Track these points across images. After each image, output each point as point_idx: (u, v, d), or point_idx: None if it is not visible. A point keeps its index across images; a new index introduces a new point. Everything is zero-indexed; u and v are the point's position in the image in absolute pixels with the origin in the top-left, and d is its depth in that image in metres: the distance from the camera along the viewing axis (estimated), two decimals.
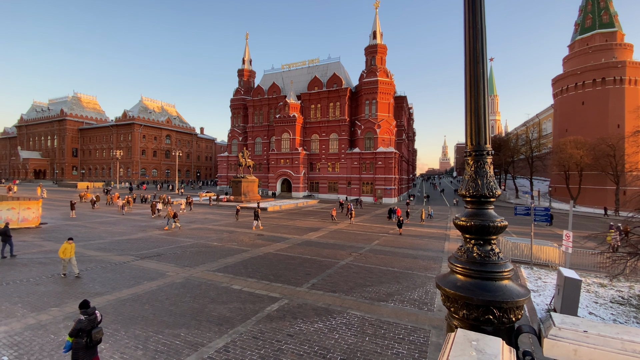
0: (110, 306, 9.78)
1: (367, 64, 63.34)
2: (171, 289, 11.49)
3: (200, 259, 15.82)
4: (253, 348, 7.63)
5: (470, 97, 2.65)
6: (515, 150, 67.87)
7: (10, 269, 13.36)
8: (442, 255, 18.66)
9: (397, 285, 12.69)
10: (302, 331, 8.56)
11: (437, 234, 26.60)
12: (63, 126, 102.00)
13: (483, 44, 2.69)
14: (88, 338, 6.11)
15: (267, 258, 16.53)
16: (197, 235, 22.09)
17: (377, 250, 19.20)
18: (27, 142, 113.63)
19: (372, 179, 60.37)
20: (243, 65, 79.83)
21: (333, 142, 65.30)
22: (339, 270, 14.67)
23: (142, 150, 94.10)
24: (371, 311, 10.03)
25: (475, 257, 2.44)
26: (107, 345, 7.53)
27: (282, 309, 9.97)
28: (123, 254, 16.34)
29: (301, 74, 73.45)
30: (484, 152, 2.66)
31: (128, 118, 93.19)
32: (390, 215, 36.46)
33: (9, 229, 15.62)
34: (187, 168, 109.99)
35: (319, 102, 66.30)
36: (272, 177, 67.88)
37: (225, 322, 8.94)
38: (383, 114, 60.62)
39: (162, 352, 7.34)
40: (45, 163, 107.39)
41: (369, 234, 25.14)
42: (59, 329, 8.30)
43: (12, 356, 6.97)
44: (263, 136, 74.03)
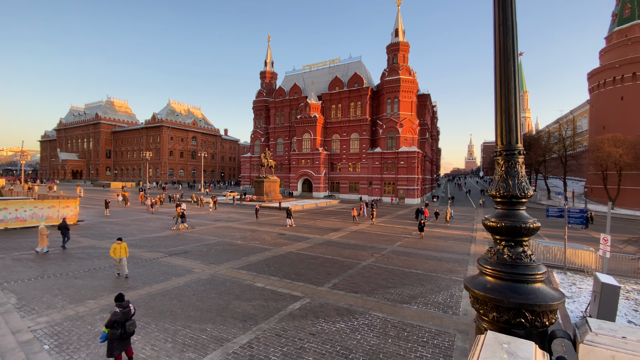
0: (142, 300, 10.27)
1: (388, 63, 62.50)
2: (198, 285, 11.89)
3: (224, 257, 16.26)
4: (276, 345, 7.76)
5: (500, 95, 2.58)
6: (547, 148, 64.48)
7: (51, 263, 14.33)
8: (468, 258, 18.09)
9: (420, 288, 12.45)
10: (324, 330, 8.60)
11: (462, 236, 25.81)
12: (98, 129, 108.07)
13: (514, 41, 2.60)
14: (122, 329, 6.46)
15: (289, 257, 16.71)
16: (221, 234, 22.71)
17: (399, 252, 18.92)
18: (65, 144, 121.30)
19: (394, 179, 59.51)
20: (265, 67, 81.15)
21: (354, 142, 64.97)
22: (361, 271, 14.59)
23: (169, 152, 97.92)
24: (394, 313, 9.91)
25: (505, 259, 2.37)
26: (139, 337, 7.91)
27: (304, 308, 10.06)
28: (153, 251, 17.10)
29: (322, 75, 73.63)
30: (515, 151, 2.58)
31: (157, 121, 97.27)
32: (418, 216, 35.85)
33: (67, 224, 17.58)
34: (212, 168, 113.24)
35: (340, 102, 66.20)
36: (293, 177, 68.52)
37: (249, 319, 9.14)
38: (405, 112, 59.60)
39: (189, 346, 7.62)
40: (81, 164, 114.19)
41: (391, 235, 24.80)
42: (95, 320, 8.81)
43: (53, 345, 7.48)
44: (284, 137, 74.86)
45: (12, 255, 15.27)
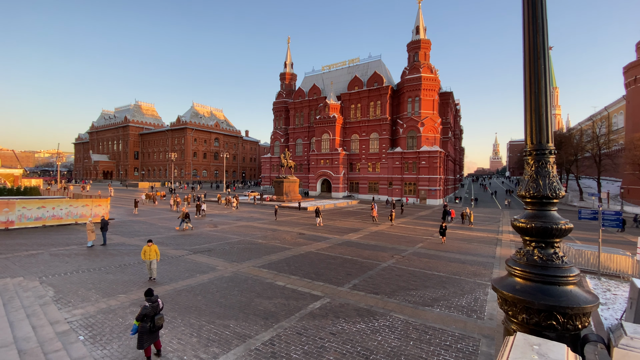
0: (168, 296, 10.68)
1: (409, 61, 61.50)
2: (221, 282, 12.22)
3: (246, 255, 16.60)
4: (297, 343, 7.85)
5: (530, 93, 2.50)
6: (579, 147, 61.11)
7: (85, 258, 15.17)
8: (494, 261, 17.50)
9: (443, 291, 12.19)
10: (345, 331, 8.60)
11: (487, 238, 24.99)
12: (126, 132, 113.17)
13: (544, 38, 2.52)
14: (151, 323, 6.76)
15: (309, 257, 16.82)
16: (243, 233, 23.19)
17: (421, 254, 18.58)
18: (97, 146, 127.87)
19: (415, 179, 58.46)
20: (285, 69, 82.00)
21: (373, 142, 64.39)
22: (381, 272, 14.47)
23: (193, 153, 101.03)
24: (415, 315, 9.76)
25: (535, 260, 2.30)
26: (166, 331, 8.24)
27: (325, 308, 10.11)
28: (178, 248, 17.72)
29: (341, 75, 73.51)
30: (545, 151, 2.50)
31: (181, 123, 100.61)
32: (445, 217, 35.09)
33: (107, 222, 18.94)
34: (233, 169, 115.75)
35: (359, 102, 65.81)
36: (312, 178, 68.81)
37: (270, 317, 9.30)
38: (427, 111, 58.42)
39: (213, 341, 7.86)
40: (112, 165, 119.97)
41: (412, 237, 24.40)
42: (125, 313, 9.26)
43: (87, 336, 7.92)
44: (304, 137, 75.33)
45: (50, 251, 16.29)
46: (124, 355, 7.11)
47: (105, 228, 18.44)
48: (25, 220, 22.19)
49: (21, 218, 22.01)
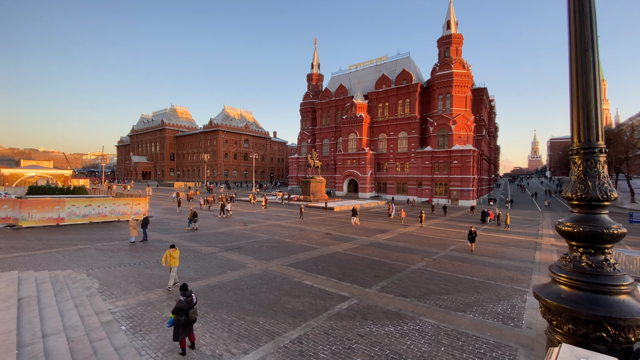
0: (202, 291, 11.12)
1: (440, 57, 59.54)
2: (250, 280, 12.54)
3: (274, 254, 16.90)
4: (325, 343, 7.86)
5: (577, 88, 2.31)
6: (631, 144, 55.90)
7: (127, 254, 16.19)
8: (532, 266, 16.49)
9: (476, 296, 11.66)
10: (373, 333, 8.49)
11: (525, 242, 23.59)
12: (163, 134, 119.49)
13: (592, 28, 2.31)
14: (186, 317, 7.07)
15: (336, 257, 16.80)
16: (271, 232, 23.63)
17: (453, 257, 17.92)
18: (137, 148, 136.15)
19: (446, 179, 56.47)
20: (312, 70, 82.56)
21: (402, 141, 63.03)
22: (410, 274, 14.12)
23: (224, 154, 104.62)
24: (447, 320, 9.42)
25: (584, 267, 2.12)
26: (199, 324, 8.59)
27: (352, 309, 10.04)
28: (210, 246, 18.42)
29: (368, 73, 72.72)
30: (595, 149, 2.30)
31: (213, 125, 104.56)
32: (484, 219, 33.69)
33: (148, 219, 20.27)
34: (262, 169, 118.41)
35: (387, 100, 64.71)
36: (338, 178, 68.65)
37: (298, 315, 9.39)
38: (459, 108, 56.24)
39: (244, 337, 8.07)
40: (150, 166, 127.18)
41: (443, 239, 23.60)
42: (162, 306, 9.76)
43: (128, 326, 8.44)
44: (330, 137, 75.37)
45: (96, 246, 17.56)
46: (161, 346, 7.50)
47: (145, 225, 19.59)
48: (74, 217, 24.10)
49: (71, 215, 23.93)
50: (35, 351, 6.40)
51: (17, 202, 22.85)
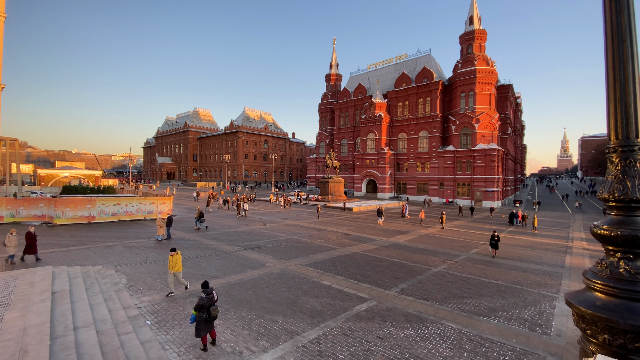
0: (222, 288, 11.35)
1: (462, 53, 57.88)
2: (270, 279, 12.67)
3: (293, 253, 17.00)
4: (343, 344, 7.81)
5: (613, 82, 2.14)
6: None
7: (152, 251, 16.79)
8: (562, 271, 15.68)
9: (501, 301, 11.22)
10: (392, 335, 8.35)
11: (554, 246, 22.49)
12: (186, 136, 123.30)
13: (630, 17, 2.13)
14: (207, 313, 7.24)
15: (354, 258, 16.68)
16: (290, 231, 23.80)
17: (476, 260, 17.35)
18: (162, 149, 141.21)
19: (469, 179, 54.80)
20: (330, 70, 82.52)
21: (422, 140, 61.74)
22: (431, 277, 13.79)
23: (245, 154, 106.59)
24: (469, 325, 9.12)
25: (621, 274, 1.96)
26: (220, 321, 8.77)
27: (371, 310, 9.92)
28: (231, 244, 18.79)
29: (388, 72, 71.78)
30: (634, 147, 2.12)
31: (234, 127, 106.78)
32: (512, 220, 32.51)
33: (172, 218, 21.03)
34: (281, 169, 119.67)
35: (407, 99, 63.60)
36: (357, 178, 68.18)
37: (316, 315, 9.39)
38: (482, 106, 54.41)
39: (263, 335, 8.16)
40: (174, 166, 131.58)
41: (466, 241, 22.91)
42: (185, 303, 10.04)
43: (153, 321, 8.74)
44: (349, 137, 75.01)
45: (123, 243, 18.34)
46: (184, 341, 7.71)
47: (169, 224, 20.23)
48: (104, 216, 25.29)
49: (101, 213, 25.14)
50: (67, 343, 6.75)
51: (52, 201, 24.27)
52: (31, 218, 23.73)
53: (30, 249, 13.70)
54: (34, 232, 13.91)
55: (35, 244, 13.83)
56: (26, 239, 13.69)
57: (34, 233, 13.85)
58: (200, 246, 18.11)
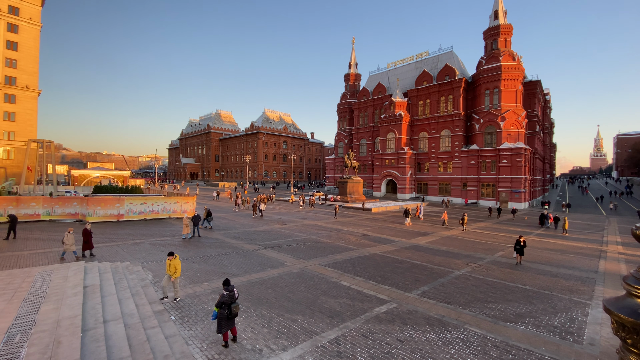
0: (243, 286, 11.55)
1: (486, 49, 55.99)
2: (289, 278, 12.76)
3: (312, 253, 17.04)
4: (363, 346, 7.73)
5: None
6: None
7: (176, 248, 17.33)
8: (596, 277, 14.81)
9: (528, 306, 10.73)
10: (413, 338, 8.18)
11: (586, 250, 21.29)
12: (209, 137, 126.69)
13: None
14: (228, 310, 7.36)
15: (374, 259, 16.49)
16: (309, 231, 23.89)
17: (501, 263, 16.71)
18: (185, 150, 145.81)
19: (494, 180, 52.88)
20: (349, 69, 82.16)
21: (444, 140, 60.19)
22: (454, 280, 13.41)
23: (264, 155, 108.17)
24: (495, 331, 8.78)
25: None
26: (241, 319, 8.91)
27: (391, 312, 9.77)
28: (252, 243, 19.09)
29: (408, 70, 70.57)
30: None
31: (254, 128, 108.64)
32: (543, 222, 31.22)
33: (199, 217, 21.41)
34: (300, 170, 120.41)
35: (428, 98, 62.24)
36: (376, 178, 67.44)
37: (335, 316, 9.35)
38: (508, 103, 52.36)
39: (282, 333, 8.22)
40: (197, 167, 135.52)
41: (490, 244, 22.13)
42: (207, 299, 10.29)
43: (177, 317, 9.00)
44: (368, 137, 74.35)
45: (150, 241, 19.05)
46: (206, 337, 7.90)
47: (197, 223, 20.81)
48: (132, 214, 26.40)
49: (128, 212, 26.25)
50: (97, 335, 7.09)
51: (84, 200, 25.61)
52: (65, 216, 25.14)
53: (87, 245, 14.63)
54: (90, 229, 14.76)
55: (91, 240, 14.74)
56: (83, 236, 14.61)
57: (90, 230, 14.69)
58: (222, 245, 18.52)
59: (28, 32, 53.44)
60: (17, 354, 5.82)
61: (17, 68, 52.28)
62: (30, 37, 53.65)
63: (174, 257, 10.10)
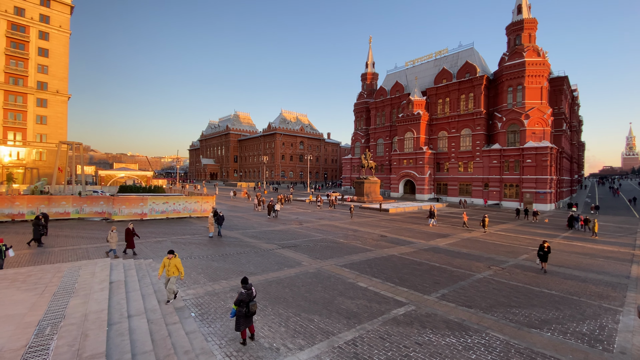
0: (260, 285, 11.69)
1: (509, 45, 54.14)
2: (306, 277, 12.81)
3: (328, 253, 17.03)
4: (380, 348, 7.64)
5: None
6: None
7: (196, 247, 17.76)
8: (627, 282, 14.01)
9: (555, 312, 10.28)
10: (432, 342, 8.01)
11: (617, 254, 20.17)
12: (228, 138, 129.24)
13: None
14: (246, 308, 7.46)
15: (391, 260, 16.28)
16: (325, 231, 23.88)
17: (525, 267, 16.10)
18: (205, 151, 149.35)
19: (517, 180, 51.03)
20: (366, 69, 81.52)
21: (465, 139, 58.63)
22: (475, 283, 13.03)
23: (281, 155, 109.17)
24: (518, 337, 8.46)
25: None
26: (258, 317, 9.02)
27: (409, 315, 9.61)
28: (269, 242, 19.30)
29: (427, 69, 69.22)
30: None
31: (271, 129, 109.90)
32: (572, 224, 29.98)
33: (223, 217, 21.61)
34: (316, 170, 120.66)
35: (448, 96, 60.82)
36: (394, 178, 66.54)
37: (352, 317, 9.30)
38: (533, 101, 50.40)
39: (299, 333, 8.26)
40: (217, 167, 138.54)
41: (514, 246, 21.37)
42: (226, 297, 10.48)
43: (197, 313, 9.22)
44: (385, 137, 73.51)
45: (171, 239, 19.62)
46: (224, 334, 8.05)
47: (220, 223, 21.03)
48: (154, 213, 27.28)
49: (151, 211, 27.15)
50: (122, 329, 7.36)
51: (110, 199, 26.70)
52: (93, 214, 26.30)
53: (129, 244, 15.18)
54: (133, 229, 15.29)
55: (132, 239, 15.25)
56: (126, 235, 15.16)
57: (132, 229, 15.23)
58: (240, 243, 18.83)
59: (58, 39, 56.38)
60: (47, 345, 6.13)
61: (48, 74, 55.30)
62: (60, 44, 56.59)
63: (174, 256, 9.54)
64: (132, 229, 15.31)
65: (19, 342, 6.22)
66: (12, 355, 5.76)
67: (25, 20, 52.82)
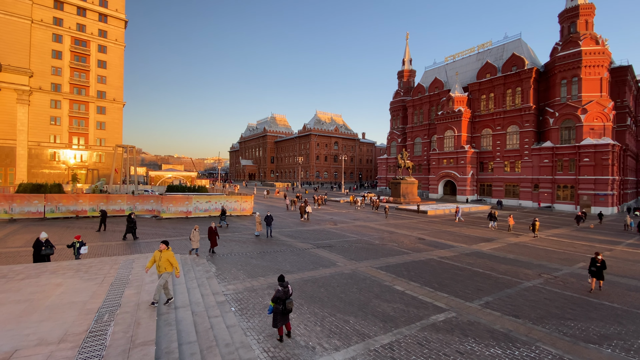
0: (296, 284, 11.88)
1: (562, 34, 49.75)
2: (341, 278, 12.78)
3: (364, 255, 16.84)
4: (418, 354, 7.40)
5: None
6: None
7: (236, 244, 18.50)
8: None
9: (617, 327, 9.24)
10: (475, 352, 7.59)
11: None
12: (265, 140, 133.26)
13: None
14: (283, 306, 7.63)
15: (430, 264, 15.69)
16: (360, 232, 23.65)
17: (582, 276, 14.66)
18: (244, 153, 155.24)
19: (573, 181, 46.68)
20: (403, 66, 79.46)
21: (511, 136, 54.84)
22: (523, 292, 12.13)
23: (316, 156, 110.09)
24: (573, 352, 7.73)
25: None
26: (295, 315, 9.17)
27: (450, 322, 9.19)
28: (304, 242, 19.55)
29: (468, 63, 65.77)
30: None
31: (306, 130, 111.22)
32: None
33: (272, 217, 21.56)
34: (350, 170, 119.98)
35: (492, 91, 57.30)
36: (432, 179, 64.05)
37: (389, 321, 9.11)
38: (590, 94, 45.80)
39: (335, 333, 8.26)
40: (255, 168, 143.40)
41: (569, 254, 19.58)
42: (264, 294, 10.80)
43: (237, 308, 9.59)
44: (423, 136, 71.04)
45: None
46: (262, 330, 8.30)
47: (269, 223, 20.80)
48: (198, 211, 28.89)
49: (195, 209, 28.78)
50: (170, 319, 7.89)
51: (159, 198, 28.74)
52: (144, 212, 28.48)
53: (213, 242, 15.99)
54: (215, 228, 16.16)
55: (215, 238, 16.01)
56: (209, 234, 15.97)
57: (214, 229, 16.13)
58: (277, 242, 19.30)
59: (114, 51, 61.99)
60: (105, 331, 6.76)
61: (106, 84, 61.06)
62: (116, 56, 62.18)
63: (167, 248, 8.67)
64: (215, 228, 15.91)
65: (81, 327, 6.92)
66: (76, 339, 6.42)
67: (86, 35, 58.78)
